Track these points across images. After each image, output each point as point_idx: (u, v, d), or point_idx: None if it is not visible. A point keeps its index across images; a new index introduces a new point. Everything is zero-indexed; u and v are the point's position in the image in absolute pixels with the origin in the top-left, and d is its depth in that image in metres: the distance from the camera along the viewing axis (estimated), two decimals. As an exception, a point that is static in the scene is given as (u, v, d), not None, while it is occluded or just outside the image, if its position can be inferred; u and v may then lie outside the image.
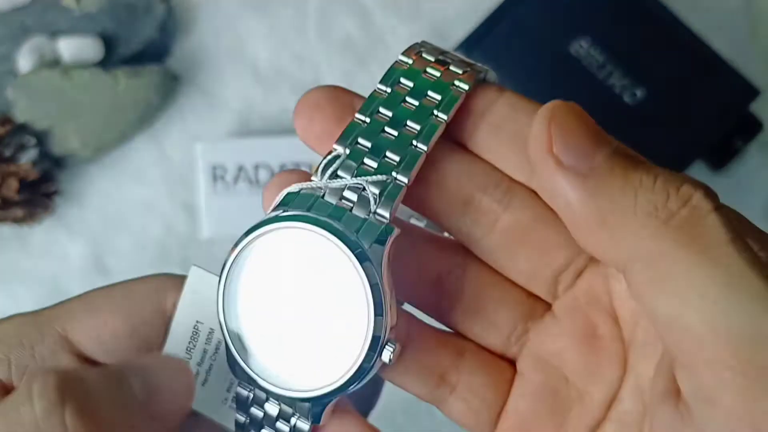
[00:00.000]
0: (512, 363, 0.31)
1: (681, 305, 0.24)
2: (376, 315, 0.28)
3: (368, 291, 0.28)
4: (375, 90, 0.30)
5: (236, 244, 0.29)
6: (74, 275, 0.58)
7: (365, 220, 0.28)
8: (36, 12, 0.56)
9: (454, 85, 0.29)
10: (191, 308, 0.32)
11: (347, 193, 0.29)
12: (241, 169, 0.56)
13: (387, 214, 0.28)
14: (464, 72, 0.29)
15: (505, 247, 0.30)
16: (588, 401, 0.30)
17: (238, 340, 0.30)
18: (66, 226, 0.58)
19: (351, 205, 0.28)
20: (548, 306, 0.31)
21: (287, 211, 0.29)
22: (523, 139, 0.29)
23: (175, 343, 0.32)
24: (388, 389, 0.57)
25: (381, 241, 0.28)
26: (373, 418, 0.57)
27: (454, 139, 0.30)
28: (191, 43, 0.59)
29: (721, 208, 0.25)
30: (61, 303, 0.32)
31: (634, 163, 0.26)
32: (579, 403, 0.30)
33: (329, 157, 0.29)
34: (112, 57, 0.57)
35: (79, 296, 0.32)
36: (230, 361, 0.30)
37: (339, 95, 0.30)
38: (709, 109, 0.53)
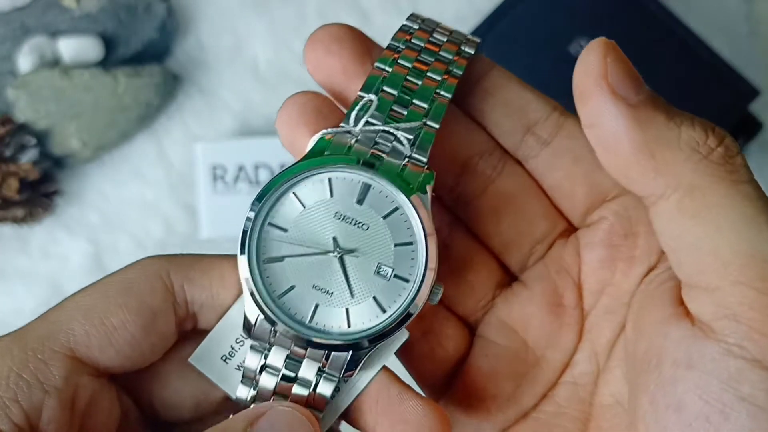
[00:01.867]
0: (468, 326, 0.33)
1: (713, 232, 0.26)
2: (427, 259, 0.28)
3: (420, 234, 0.28)
4: (389, 45, 0.31)
5: (271, 186, 0.29)
6: (74, 275, 0.58)
7: (404, 166, 0.29)
8: (36, 12, 0.56)
9: (460, 49, 0.31)
10: None
11: (380, 140, 0.29)
12: (241, 169, 0.56)
13: (424, 159, 0.29)
14: (468, 39, 0.32)
15: (493, 211, 0.32)
16: (544, 366, 0.32)
17: (263, 284, 0.28)
18: (66, 226, 0.58)
19: (386, 151, 0.29)
20: (514, 277, 0.33)
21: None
22: (512, 106, 0.31)
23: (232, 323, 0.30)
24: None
25: (424, 186, 0.29)
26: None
27: (454, 102, 0.31)
28: (191, 43, 0.59)
29: (741, 151, 0.28)
30: (48, 315, 0.28)
31: (669, 105, 0.28)
32: (535, 367, 0.32)
33: (361, 103, 0.29)
34: (112, 57, 0.57)
35: (66, 304, 0.29)
36: (250, 311, 0.28)
37: (360, 35, 0.31)
38: (709, 109, 0.53)
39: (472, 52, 0.31)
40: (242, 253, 0.28)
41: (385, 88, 0.30)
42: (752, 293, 0.26)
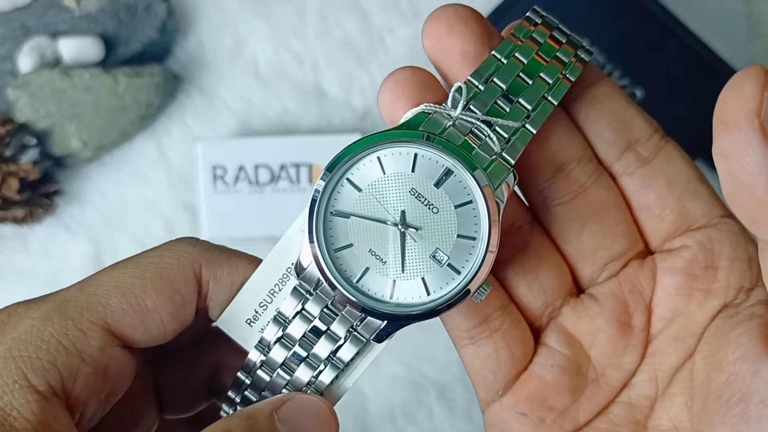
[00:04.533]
0: (534, 333, 0.32)
1: None
2: (487, 252, 0.28)
3: (485, 228, 0.28)
4: (511, 34, 0.31)
5: (358, 145, 0.29)
6: (74, 275, 0.58)
7: (493, 160, 0.29)
8: (36, 12, 0.56)
9: (576, 53, 0.31)
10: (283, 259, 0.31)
11: (475, 130, 0.29)
12: (241, 169, 0.56)
13: (513, 161, 0.29)
14: (583, 46, 0.31)
15: (578, 218, 0.31)
16: (602, 383, 0.31)
17: (324, 234, 0.29)
18: (66, 226, 0.59)
19: (480, 142, 0.29)
20: (581, 289, 0.32)
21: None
22: (618, 119, 0.31)
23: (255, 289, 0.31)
24: (388, 390, 0.57)
25: (504, 185, 0.29)
26: (374, 419, 0.57)
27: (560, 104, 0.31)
28: (191, 43, 0.59)
29: None
30: (85, 287, 0.30)
31: None
32: (594, 383, 0.31)
33: (465, 88, 0.29)
34: (112, 57, 0.57)
35: (103, 278, 0.30)
36: (305, 256, 0.29)
37: (484, 20, 0.31)
38: (709, 109, 0.53)
39: (588, 58, 0.31)
40: (314, 198, 0.29)
41: (495, 79, 0.30)
42: None
